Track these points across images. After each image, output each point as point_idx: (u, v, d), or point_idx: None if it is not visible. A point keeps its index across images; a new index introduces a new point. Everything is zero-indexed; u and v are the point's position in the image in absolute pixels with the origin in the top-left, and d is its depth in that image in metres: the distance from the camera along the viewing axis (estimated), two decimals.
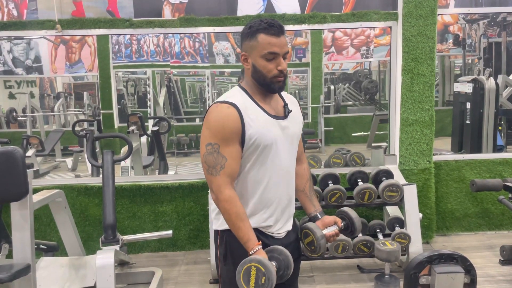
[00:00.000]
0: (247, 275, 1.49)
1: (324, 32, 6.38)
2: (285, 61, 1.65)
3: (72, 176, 5.50)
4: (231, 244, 1.69)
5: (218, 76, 6.87)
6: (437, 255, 1.90)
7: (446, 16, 6.22)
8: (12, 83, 6.67)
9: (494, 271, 3.38)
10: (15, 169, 2.42)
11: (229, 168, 1.60)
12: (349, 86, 7.40)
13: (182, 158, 6.24)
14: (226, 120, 1.59)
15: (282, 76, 1.65)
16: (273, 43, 1.59)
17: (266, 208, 1.69)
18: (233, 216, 1.59)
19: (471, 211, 4.06)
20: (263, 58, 1.61)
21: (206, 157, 1.61)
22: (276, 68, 1.62)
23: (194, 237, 3.94)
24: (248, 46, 1.64)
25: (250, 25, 1.64)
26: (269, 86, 1.66)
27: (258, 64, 1.63)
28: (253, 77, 1.67)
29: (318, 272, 3.48)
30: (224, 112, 1.60)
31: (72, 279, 3.09)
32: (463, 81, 4.93)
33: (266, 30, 1.59)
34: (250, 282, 1.49)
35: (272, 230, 1.73)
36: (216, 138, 1.59)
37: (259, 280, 1.47)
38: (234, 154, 1.61)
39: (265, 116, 1.66)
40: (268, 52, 1.60)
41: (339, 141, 6.68)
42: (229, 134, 1.59)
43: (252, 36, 1.62)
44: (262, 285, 1.47)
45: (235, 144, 1.61)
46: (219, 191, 1.61)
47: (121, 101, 6.33)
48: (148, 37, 6.05)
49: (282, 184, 1.72)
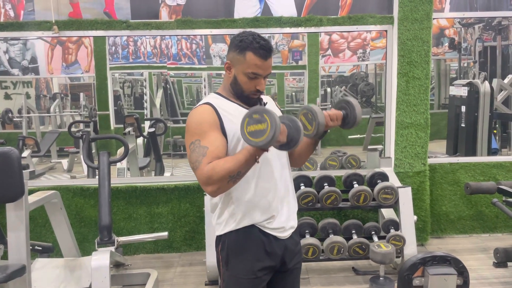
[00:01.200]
0: (254, 121, 1.41)
1: (321, 35, 6.39)
2: (264, 81, 1.69)
3: (68, 177, 5.49)
4: (233, 248, 1.69)
5: (215, 78, 6.87)
6: (430, 257, 1.91)
7: (442, 20, 6.25)
8: (8, 83, 6.65)
9: (488, 273, 3.40)
10: (11, 170, 2.42)
11: (211, 154, 1.55)
12: (346, 88, 7.42)
13: (178, 159, 6.24)
14: (201, 116, 1.63)
15: (258, 94, 1.69)
16: (259, 65, 1.62)
17: (264, 198, 1.67)
18: (223, 165, 1.51)
19: (465, 214, 4.08)
20: (246, 75, 1.64)
21: (191, 156, 1.60)
22: (255, 87, 1.66)
23: (190, 238, 3.94)
24: (235, 58, 1.65)
25: (242, 38, 1.64)
26: (244, 99, 1.70)
27: (240, 79, 1.66)
28: (231, 86, 1.71)
29: (313, 274, 3.49)
30: (198, 111, 1.65)
31: (67, 280, 3.08)
32: (458, 84, 4.96)
33: (256, 50, 1.61)
34: (250, 127, 1.41)
35: (275, 224, 1.70)
36: (196, 135, 1.60)
37: (259, 132, 1.39)
38: (216, 143, 1.58)
39: (242, 109, 1.67)
40: (252, 72, 1.63)
41: (335, 143, 6.68)
42: (207, 127, 1.60)
43: (241, 51, 1.63)
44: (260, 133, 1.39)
45: (215, 133, 1.60)
46: (202, 173, 1.52)
47: (117, 102, 6.32)
48: (145, 38, 6.05)
49: (275, 172, 1.71)
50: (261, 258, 1.69)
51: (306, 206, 3.38)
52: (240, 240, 1.69)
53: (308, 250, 3.28)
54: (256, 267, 1.69)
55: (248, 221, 1.68)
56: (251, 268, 1.68)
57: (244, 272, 1.69)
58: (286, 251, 1.74)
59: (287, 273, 1.80)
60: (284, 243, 1.73)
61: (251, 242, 1.68)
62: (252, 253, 1.69)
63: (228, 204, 1.69)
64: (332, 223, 3.45)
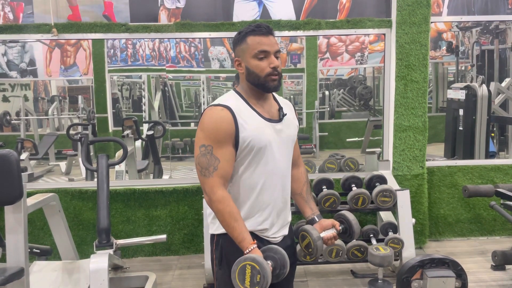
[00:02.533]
0: (242, 274, 1.48)
1: (319, 38, 6.42)
2: (278, 60, 1.67)
3: (66, 180, 5.48)
4: (227, 248, 1.70)
5: (213, 81, 6.88)
6: (429, 259, 1.91)
7: (439, 24, 6.28)
8: (6, 86, 6.65)
9: (486, 276, 3.41)
10: (9, 173, 2.42)
11: (222, 170, 1.60)
12: (344, 91, 7.44)
13: (176, 162, 6.24)
14: (219, 122, 1.61)
15: (276, 73, 1.66)
16: (262, 42, 1.64)
17: (261, 211, 1.69)
18: (226, 216, 1.59)
19: (463, 217, 4.09)
20: (255, 58, 1.64)
21: (200, 158, 1.62)
22: (269, 66, 1.64)
23: (188, 241, 3.94)
24: (240, 50, 1.68)
25: (240, 31, 1.70)
26: (264, 86, 1.67)
27: (251, 65, 1.65)
28: (248, 80, 1.69)
29: (312, 277, 3.49)
30: (218, 115, 1.62)
31: (65, 283, 3.08)
32: (456, 88, 4.98)
33: (254, 31, 1.65)
34: (245, 281, 1.48)
35: (268, 234, 1.73)
36: (210, 140, 1.61)
37: (254, 278, 1.46)
38: (228, 156, 1.61)
39: (259, 119, 1.67)
40: (258, 51, 1.64)
41: (334, 146, 6.70)
42: (222, 136, 1.60)
43: (242, 40, 1.67)
44: (258, 283, 1.46)
45: (229, 146, 1.61)
46: (212, 192, 1.60)
47: (115, 105, 6.32)
48: (143, 41, 6.06)
49: (277, 187, 1.72)
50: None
51: None
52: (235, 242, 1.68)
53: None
54: None
55: None
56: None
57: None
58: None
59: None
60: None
61: None
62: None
63: None
64: None
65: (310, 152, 6.37)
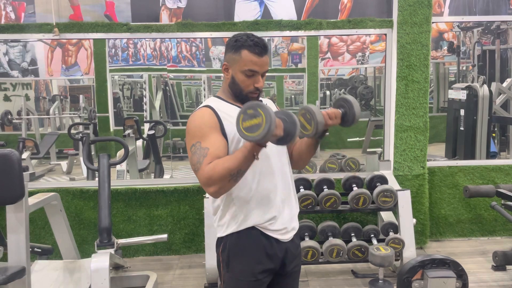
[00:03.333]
0: (249, 117, 1.40)
1: (320, 38, 6.42)
2: (262, 79, 1.70)
3: (67, 179, 5.49)
4: (234, 250, 1.70)
5: (215, 81, 6.89)
6: (430, 260, 1.91)
7: (441, 24, 6.27)
8: (7, 85, 6.66)
9: (486, 276, 3.41)
10: (11, 172, 2.43)
11: (212, 154, 1.56)
12: (345, 91, 7.44)
13: (177, 162, 6.24)
14: (200, 119, 1.65)
15: (257, 92, 1.71)
16: (255, 62, 1.64)
17: (265, 199, 1.68)
18: (223, 164, 1.51)
19: (464, 217, 4.09)
20: (243, 73, 1.66)
21: (192, 159, 1.61)
22: (253, 85, 1.68)
23: (189, 241, 3.95)
24: (231, 58, 1.68)
25: (237, 38, 1.68)
26: (244, 99, 1.69)
27: (237, 78, 1.68)
28: (230, 88, 1.72)
29: (313, 276, 3.49)
30: (198, 114, 1.67)
31: (67, 282, 3.09)
32: (457, 88, 4.98)
33: (251, 48, 1.64)
34: (245, 123, 1.40)
35: (277, 225, 1.70)
36: (196, 138, 1.62)
37: (254, 129, 1.39)
38: (217, 143, 1.59)
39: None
40: (248, 69, 1.65)
41: (334, 146, 6.70)
42: (207, 129, 1.62)
43: (236, 50, 1.66)
44: (255, 130, 1.38)
45: (215, 135, 1.62)
46: (203, 173, 1.53)
47: (117, 104, 6.33)
48: (144, 41, 6.06)
49: (276, 173, 1.71)
50: (262, 260, 1.69)
51: (306, 208, 3.38)
52: (241, 242, 1.69)
53: (307, 253, 3.29)
54: (257, 270, 1.69)
55: (250, 223, 1.68)
56: (251, 271, 1.68)
57: (245, 274, 1.69)
58: (287, 254, 1.74)
59: (286, 275, 1.80)
60: (285, 246, 1.73)
61: (252, 245, 1.69)
62: (253, 255, 1.69)
63: (229, 206, 1.69)
64: (332, 226, 3.45)
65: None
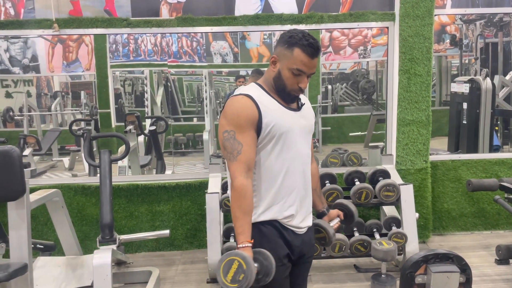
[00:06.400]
0: (228, 267, 1.50)
1: (322, 32, 6.38)
2: (308, 79, 1.72)
3: (69, 175, 5.49)
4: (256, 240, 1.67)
5: (216, 76, 6.87)
6: (433, 254, 1.90)
7: (443, 17, 6.24)
8: (9, 82, 6.66)
9: (490, 270, 3.39)
10: (12, 169, 2.42)
11: (245, 155, 1.63)
12: (347, 86, 7.42)
13: (179, 157, 6.24)
14: (240, 109, 1.65)
15: (300, 92, 1.73)
16: (305, 63, 1.66)
17: (286, 197, 1.72)
18: (236, 205, 1.62)
19: (467, 211, 4.07)
20: (290, 71, 1.67)
21: (224, 143, 1.66)
22: (297, 84, 1.70)
23: (191, 236, 3.94)
24: (282, 53, 1.69)
25: (292, 34, 1.68)
26: (285, 95, 1.73)
27: (284, 74, 1.69)
28: (274, 81, 1.73)
29: (315, 271, 3.49)
30: (239, 102, 1.67)
31: (69, 278, 3.09)
32: (459, 81, 4.95)
33: (304, 47, 1.64)
34: (228, 274, 1.50)
35: (294, 222, 1.75)
36: (232, 126, 1.65)
37: (237, 276, 1.49)
38: (250, 142, 1.65)
39: (280, 106, 1.72)
40: (297, 68, 1.66)
41: (337, 141, 6.69)
42: (244, 121, 1.64)
43: (289, 46, 1.67)
44: (239, 282, 1.48)
45: (250, 131, 1.65)
46: (234, 176, 1.64)
47: (118, 100, 6.33)
48: (145, 36, 6.05)
49: (300, 173, 1.76)
50: (283, 246, 1.73)
51: None
52: (263, 231, 1.72)
53: None
54: (281, 254, 1.72)
55: (268, 216, 1.71)
56: (277, 256, 1.69)
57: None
58: (304, 243, 1.80)
59: (301, 264, 1.85)
60: (301, 237, 1.78)
61: (272, 232, 1.72)
62: (275, 241, 1.72)
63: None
64: None
65: (313, 146, 6.35)
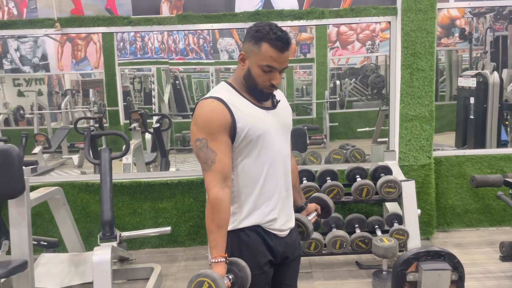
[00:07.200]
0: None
1: (329, 27, 6.34)
2: (281, 75, 1.62)
3: (78, 173, 5.57)
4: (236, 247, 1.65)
5: (223, 72, 6.88)
6: (424, 252, 1.88)
7: (452, 10, 6.14)
8: (20, 81, 6.76)
9: (494, 267, 3.35)
10: (11, 167, 2.46)
11: (220, 163, 1.55)
12: (356, 81, 7.35)
13: (187, 154, 6.26)
14: (211, 114, 1.55)
15: (272, 88, 1.63)
16: (275, 58, 1.55)
17: (268, 201, 1.66)
18: (210, 218, 1.55)
19: (472, 207, 4.02)
20: (260, 68, 1.57)
21: (197, 152, 1.58)
22: (269, 81, 1.60)
23: (194, 233, 3.97)
24: (250, 49, 1.58)
25: (258, 29, 1.57)
26: (257, 94, 1.64)
27: (254, 71, 1.59)
28: (244, 79, 1.63)
29: (316, 268, 3.48)
30: (209, 107, 1.57)
31: (72, 275, 3.13)
32: (466, 75, 4.87)
33: (272, 42, 1.53)
34: None
35: (276, 226, 1.69)
36: (203, 133, 1.55)
37: None
38: (224, 149, 1.56)
39: (254, 107, 1.63)
40: (266, 64, 1.56)
41: (344, 136, 6.64)
42: (216, 127, 1.54)
43: (256, 42, 1.56)
44: None
45: (223, 137, 1.56)
46: (208, 188, 1.55)
47: (127, 98, 6.37)
48: (152, 34, 6.08)
49: (280, 175, 1.69)
50: (265, 252, 1.68)
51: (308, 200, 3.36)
52: (243, 238, 1.65)
53: (311, 245, 3.27)
54: (262, 262, 1.67)
55: (250, 222, 1.65)
56: (257, 264, 1.66)
57: (251, 268, 1.61)
58: (287, 246, 1.74)
59: (285, 265, 1.79)
60: (284, 240, 1.73)
61: (253, 239, 1.66)
62: (256, 249, 1.67)
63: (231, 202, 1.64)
64: (335, 217, 3.43)
65: (320, 142, 6.32)
